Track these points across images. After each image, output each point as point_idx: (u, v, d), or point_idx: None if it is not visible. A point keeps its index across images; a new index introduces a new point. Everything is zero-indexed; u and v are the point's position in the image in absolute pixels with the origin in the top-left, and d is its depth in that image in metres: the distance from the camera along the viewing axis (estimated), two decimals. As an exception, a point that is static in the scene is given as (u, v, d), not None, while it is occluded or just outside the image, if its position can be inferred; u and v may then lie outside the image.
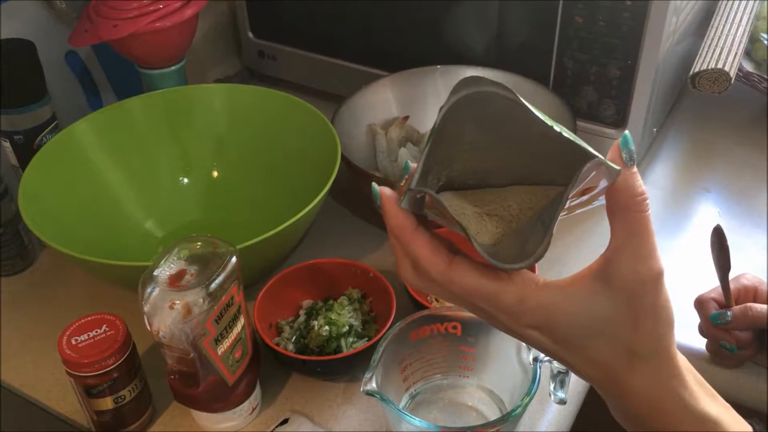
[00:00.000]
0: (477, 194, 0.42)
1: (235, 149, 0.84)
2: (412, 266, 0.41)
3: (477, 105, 0.38)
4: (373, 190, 0.41)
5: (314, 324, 0.67)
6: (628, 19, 0.74)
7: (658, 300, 0.39)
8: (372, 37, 0.93)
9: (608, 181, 0.38)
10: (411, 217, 0.41)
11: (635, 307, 0.39)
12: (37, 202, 0.70)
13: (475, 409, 0.63)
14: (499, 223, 0.41)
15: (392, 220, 0.40)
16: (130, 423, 0.63)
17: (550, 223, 0.37)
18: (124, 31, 0.77)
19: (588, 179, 0.38)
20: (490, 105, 0.38)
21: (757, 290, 0.62)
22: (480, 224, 0.40)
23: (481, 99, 0.38)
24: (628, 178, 0.38)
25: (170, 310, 0.54)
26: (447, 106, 0.38)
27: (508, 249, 0.39)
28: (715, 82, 0.80)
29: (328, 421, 0.64)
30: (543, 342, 0.41)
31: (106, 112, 0.81)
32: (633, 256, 0.38)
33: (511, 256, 0.38)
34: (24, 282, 0.80)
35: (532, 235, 0.38)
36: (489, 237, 0.40)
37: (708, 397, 0.41)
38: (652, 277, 0.38)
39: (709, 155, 0.92)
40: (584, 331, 0.40)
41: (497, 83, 0.37)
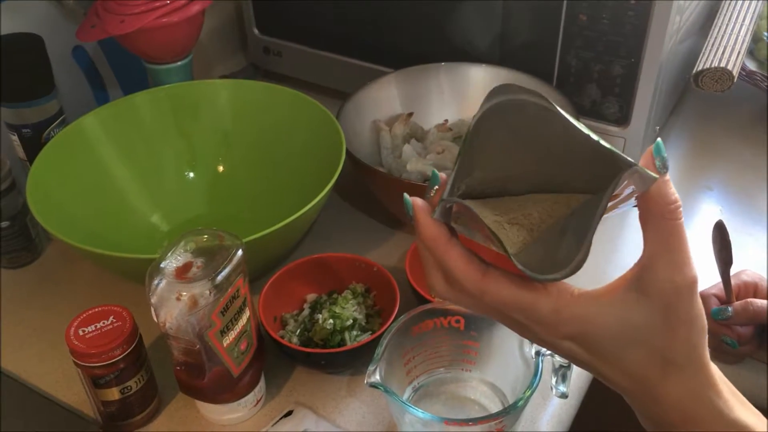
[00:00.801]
0: (496, 203, 0.42)
1: (240, 144, 0.85)
2: (444, 278, 0.41)
3: (509, 113, 0.38)
4: (405, 201, 0.41)
5: (318, 317, 0.67)
6: (632, 17, 0.75)
7: (693, 308, 0.39)
8: (377, 34, 0.94)
9: (641, 188, 0.38)
10: (444, 227, 0.40)
11: (670, 315, 0.39)
12: (44, 195, 0.71)
13: (477, 402, 0.63)
14: (520, 232, 0.41)
15: (426, 231, 0.40)
16: (137, 413, 0.63)
17: (587, 232, 0.36)
18: (131, 26, 0.78)
19: (620, 187, 0.38)
20: (522, 113, 0.38)
21: (757, 286, 0.63)
22: (502, 233, 0.40)
23: (514, 107, 0.37)
24: (662, 186, 0.38)
25: (177, 301, 0.55)
26: (479, 114, 0.38)
27: (533, 258, 0.39)
28: (718, 80, 0.80)
29: (332, 414, 0.65)
30: (578, 353, 0.41)
31: (113, 107, 0.82)
32: (668, 265, 0.38)
33: (538, 265, 0.38)
34: (31, 274, 0.80)
35: (560, 244, 0.38)
36: (512, 246, 0.40)
37: (742, 406, 0.41)
38: (688, 286, 0.38)
39: (711, 154, 0.93)
40: (619, 341, 0.40)
41: (530, 91, 0.37)
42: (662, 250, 0.38)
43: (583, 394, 0.67)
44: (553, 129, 0.38)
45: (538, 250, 0.40)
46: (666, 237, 0.38)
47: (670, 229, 0.38)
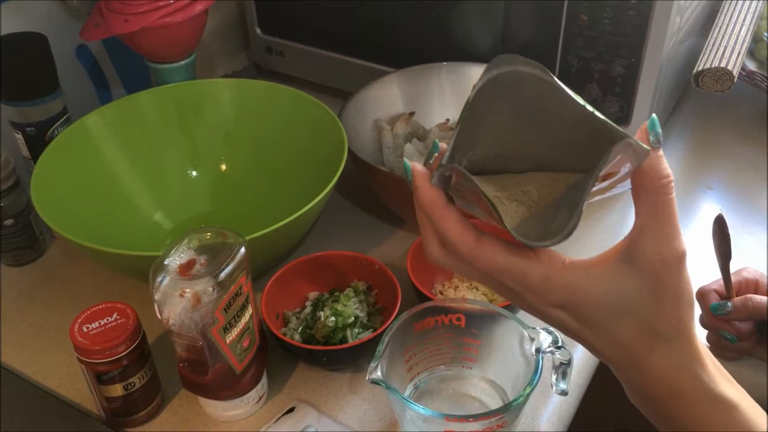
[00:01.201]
0: (497, 179, 0.43)
1: (243, 143, 0.85)
2: (439, 243, 0.42)
3: (509, 85, 0.38)
4: (405, 166, 0.42)
5: (320, 315, 0.68)
6: (633, 17, 0.75)
7: (681, 281, 0.40)
8: (379, 34, 0.94)
9: (634, 164, 0.39)
10: (442, 193, 0.41)
11: (658, 287, 0.39)
12: (48, 193, 0.72)
13: (478, 399, 0.64)
14: (519, 208, 0.41)
15: (424, 196, 0.41)
16: (140, 410, 0.64)
17: (579, 202, 0.37)
18: (134, 25, 0.78)
19: (614, 161, 0.38)
20: (523, 85, 0.38)
21: (758, 283, 0.63)
22: (501, 208, 0.41)
23: (514, 78, 0.37)
24: (654, 161, 0.38)
25: (180, 298, 0.55)
26: (480, 84, 0.38)
27: (529, 231, 0.40)
28: (718, 80, 0.81)
29: (334, 411, 0.65)
30: (567, 322, 0.42)
31: (116, 105, 0.82)
32: (657, 237, 0.39)
33: (532, 236, 0.38)
34: (34, 272, 0.81)
35: (555, 218, 0.39)
36: (510, 221, 0.40)
37: (727, 381, 0.42)
38: (676, 258, 0.39)
39: (711, 153, 0.93)
40: (608, 311, 0.40)
41: (532, 62, 0.37)
42: (652, 223, 0.39)
43: (583, 391, 0.67)
44: (552, 103, 0.38)
45: (534, 225, 0.40)
46: (656, 211, 0.39)
47: (660, 203, 0.39)
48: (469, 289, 0.72)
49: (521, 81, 0.38)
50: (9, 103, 0.76)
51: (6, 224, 0.77)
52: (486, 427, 0.55)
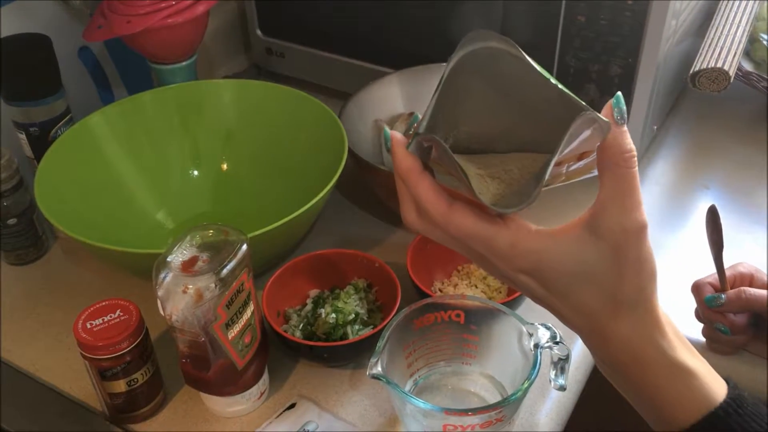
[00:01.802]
0: (481, 158, 0.44)
1: (244, 143, 0.86)
2: (415, 209, 0.44)
3: (484, 61, 0.39)
4: (384, 133, 0.44)
5: (321, 312, 0.68)
6: (629, 18, 0.76)
7: (641, 252, 0.41)
8: (378, 36, 0.95)
9: (599, 139, 0.40)
10: (418, 161, 0.43)
11: (619, 257, 0.41)
12: (52, 192, 0.72)
13: (477, 395, 0.64)
14: (499, 185, 0.43)
15: (401, 163, 0.43)
16: (143, 406, 0.65)
17: (542, 173, 0.39)
18: (137, 26, 0.79)
19: (583, 138, 0.39)
20: (497, 62, 0.39)
21: (753, 277, 0.64)
22: (482, 184, 0.42)
23: (489, 55, 0.39)
24: (618, 136, 0.40)
25: (183, 294, 0.56)
26: (455, 58, 0.39)
27: (503, 202, 0.41)
28: (715, 80, 0.82)
29: (335, 407, 0.66)
30: (533, 287, 0.43)
31: (119, 106, 0.83)
32: (618, 209, 0.40)
33: (503, 205, 0.40)
34: (37, 271, 0.82)
35: (526, 190, 0.41)
36: (489, 197, 0.42)
37: (686, 349, 0.44)
38: (636, 229, 0.41)
39: (708, 153, 0.94)
40: (571, 278, 0.42)
41: (504, 39, 0.38)
42: (614, 195, 0.40)
43: (581, 386, 0.68)
44: (526, 81, 0.39)
45: (511, 199, 0.42)
46: (619, 183, 0.40)
47: (623, 176, 0.40)
48: (468, 287, 0.73)
49: (495, 58, 0.39)
50: (13, 103, 0.77)
51: (9, 223, 0.78)
52: (485, 421, 0.55)
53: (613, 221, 0.40)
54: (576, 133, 0.38)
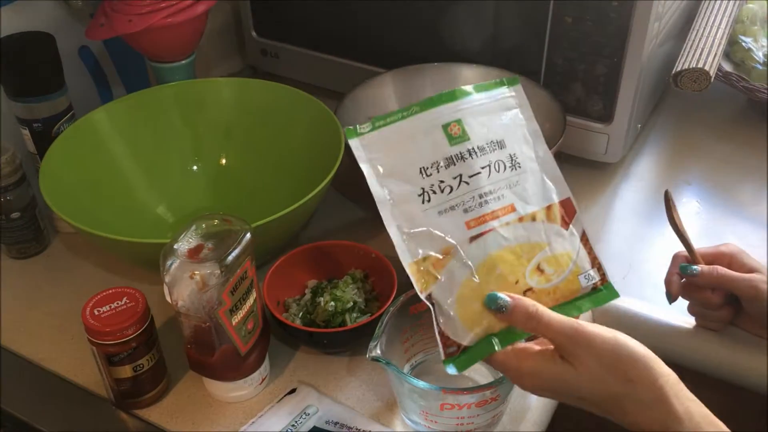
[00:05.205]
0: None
1: (243, 140, 0.88)
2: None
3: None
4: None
5: (320, 300, 0.71)
6: (615, 19, 0.79)
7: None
8: (372, 36, 0.97)
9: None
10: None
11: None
12: (55, 187, 0.74)
13: (471, 379, 0.67)
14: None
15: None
16: (148, 391, 0.66)
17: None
18: (138, 25, 0.81)
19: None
20: None
21: (733, 257, 0.66)
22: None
23: None
24: (512, 319, 0.52)
25: (189, 280, 0.58)
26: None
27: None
28: (696, 80, 0.85)
29: (333, 391, 0.68)
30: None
31: (122, 102, 0.85)
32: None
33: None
34: (39, 264, 0.83)
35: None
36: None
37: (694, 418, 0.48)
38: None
39: (690, 150, 0.97)
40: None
41: None
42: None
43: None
44: None
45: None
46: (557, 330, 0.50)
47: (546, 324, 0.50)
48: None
49: None
50: (17, 99, 0.78)
51: (12, 217, 0.80)
52: (480, 400, 0.58)
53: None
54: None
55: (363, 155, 0.53)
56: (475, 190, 0.53)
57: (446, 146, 0.54)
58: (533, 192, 0.55)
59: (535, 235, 0.54)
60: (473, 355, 0.52)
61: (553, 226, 0.55)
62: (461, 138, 0.54)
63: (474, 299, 0.52)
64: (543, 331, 0.50)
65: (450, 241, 0.52)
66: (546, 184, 0.56)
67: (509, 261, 0.53)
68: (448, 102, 0.55)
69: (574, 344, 0.49)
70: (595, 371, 0.48)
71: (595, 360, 0.48)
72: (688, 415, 0.47)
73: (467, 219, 0.53)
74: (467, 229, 0.52)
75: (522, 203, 0.54)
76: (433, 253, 0.52)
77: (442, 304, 0.52)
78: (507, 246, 0.53)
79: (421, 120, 0.54)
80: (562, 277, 0.54)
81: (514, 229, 0.53)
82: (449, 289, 0.52)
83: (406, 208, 0.53)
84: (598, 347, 0.49)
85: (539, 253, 0.54)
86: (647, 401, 0.48)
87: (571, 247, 0.55)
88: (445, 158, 0.53)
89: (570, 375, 0.49)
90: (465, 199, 0.53)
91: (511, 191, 0.54)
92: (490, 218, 0.53)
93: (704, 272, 0.65)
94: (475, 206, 0.53)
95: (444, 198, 0.53)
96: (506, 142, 0.55)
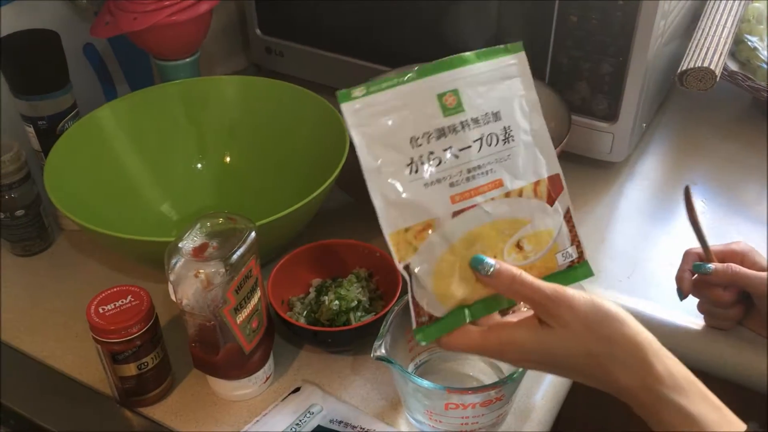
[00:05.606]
0: None
1: (248, 138, 0.88)
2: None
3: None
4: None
5: (324, 299, 0.71)
6: (620, 17, 0.79)
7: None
8: (376, 35, 0.97)
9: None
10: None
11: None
12: (60, 184, 0.74)
13: (475, 378, 0.67)
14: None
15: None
16: (152, 389, 0.66)
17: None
18: (143, 23, 0.81)
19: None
20: None
21: (745, 256, 0.66)
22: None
23: None
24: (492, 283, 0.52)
25: (194, 279, 0.58)
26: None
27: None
28: (702, 79, 0.85)
29: (338, 390, 0.68)
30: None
31: (126, 100, 0.85)
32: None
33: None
34: (43, 262, 0.83)
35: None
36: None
37: (692, 395, 0.48)
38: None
39: (695, 150, 0.97)
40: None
41: None
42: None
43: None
44: None
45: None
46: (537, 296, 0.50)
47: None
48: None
49: None
50: (22, 97, 0.78)
51: (17, 215, 0.80)
52: (485, 400, 0.58)
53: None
54: None
55: (354, 121, 0.52)
56: (464, 164, 0.52)
57: (440, 117, 0.52)
58: (523, 166, 0.54)
59: (519, 211, 0.54)
60: (444, 325, 0.52)
61: (539, 203, 0.54)
62: (456, 109, 0.53)
63: (450, 274, 0.52)
64: (527, 292, 0.50)
65: (433, 215, 0.52)
66: (537, 158, 0.55)
67: (490, 237, 0.53)
68: (447, 70, 0.54)
69: (557, 304, 0.49)
70: (577, 329, 0.49)
71: (576, 318, 0.49)
72: (668, 373, 0.47)
73: (452, 193, 0.52)
74: (451, 203, 0.52)
75: (511, 177, 0.53)
76: (414, 224, 0.52)
77: (419, 275, 0.52)
78: (489, 222, 0.53)
79: (416, 87, 0.53)
80: (539, 254, 0.54)
81: (498, 205, 0.53)
82: (427, 262, 0.52)
83: (393, 178, 0.52)
84: (579, 306, 0.49)
85: (521, 229, 0.54)
86: (626, 360, 0.48)
87: (553, 224, 0.54)
88: (437, 129, 0.52)
89: (551, 338, 0.49)
90: (452, 173, 0.52)
91: (500, 165, 0.53)
92: (475, 194, 0.52)
93: (718, 270, 0.65)
94: (461, 181, 0.52)
95: (431, 170, 0.52)
96: (502, 114, 0.54)
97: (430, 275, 0.52)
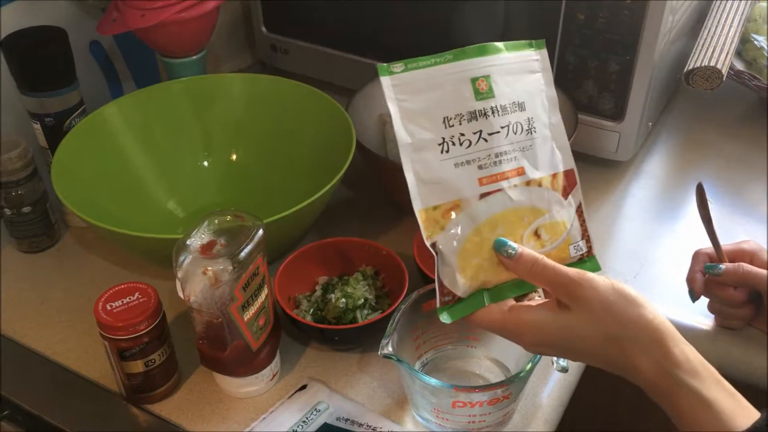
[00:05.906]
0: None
1: (254, 136, 0.88)
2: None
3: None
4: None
5: (331, 297, 0.71)
6: (627, 16, 0.79)
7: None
8: (382, 32, 0.97)
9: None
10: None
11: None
12: (67, 181, 0.74)
13: (481, 376, 0.67)
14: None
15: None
16: (159, 386, 0.67)
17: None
18: (151, 20, 0.81)
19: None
20: None
21: (754, 255, 0.66)
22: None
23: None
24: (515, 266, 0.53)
25: (202, 276, 0.58)
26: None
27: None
28: (708, 79, 0.85)
29: (344, 388, 0.68)
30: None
31: (133, 97, 0.85)
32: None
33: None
34: (50, 259, 0.84)
35: None
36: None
37: (706, 380, 0.48)
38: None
39: (701, 149, 0.97)
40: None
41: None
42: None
43: (582, 368, 0.70)
44: None
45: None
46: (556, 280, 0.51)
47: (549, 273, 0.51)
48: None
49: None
50: (29, 94, 0.78)
51: (24, 211, 0.80)
52: (492, 398, 0.58)
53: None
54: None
55: (392, 95, 0.54)
56: (492, 148, 0.54)
57: (472, 100, 0.54)
58: (542, 158, 0.56)
59: (538, 201, 0.55)
60: (466, 306, 0.53)
61: (555, 194, 0.56)
62: (487, 94, 0.54)
63: (474, 254, 0.53)
64: (549, 274, 0.51)
65: (461, 195, 0.53)
66: (555, 152, 0.57)
67: (511, 222, 0.54)
68: (480, 56, 0.55)
69: (578, 285, 0.50)
70: (597, 311, 0.49)
71: (597, 300, 0.49)
72: (685, 358, 0.48)
73: (480, 176, 0.53)
74: (479, 185, 0.53)
75: (531, 168, 0.55)
76: (443, 203, 0.53)
77: (446, 254, 0.53)
78: (512, 207, 0.54)
79: (452, 69, 0.55)
80: (555, 244, 0.55)
81: (521, 192, 0.54)
82: (453, 241, 0.53)
83: (425, 155, 0.53)
84: (601, 288, 0.49)
85: (540, 218, 0.55)
86: (644, 343, 0.48)
87: (567, 216, 0.56)
88: (469, 112, 0.54)
89: (571, 320, 0.50)
90: (481, 156, 0.53)
91: (522, 154, 0.55)
92: (500, 178, 0.54)
93: (729, 270, 0.65)
94: (489, 164, 0.53)
95: (462, 151, 0.53)
96: (526, 105, 0.56)
97: (455, 254, 0.52)
